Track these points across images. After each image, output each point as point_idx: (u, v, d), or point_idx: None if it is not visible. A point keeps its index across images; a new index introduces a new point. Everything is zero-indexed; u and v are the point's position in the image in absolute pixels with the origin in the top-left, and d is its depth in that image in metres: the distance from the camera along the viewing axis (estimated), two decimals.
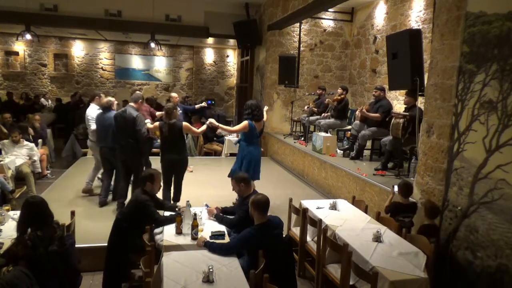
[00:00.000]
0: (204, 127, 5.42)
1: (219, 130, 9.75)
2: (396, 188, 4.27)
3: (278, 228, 3.40)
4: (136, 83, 14.97)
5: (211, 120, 5.34)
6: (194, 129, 5.32)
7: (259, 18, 10.91)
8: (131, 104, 5.20)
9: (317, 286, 3.71)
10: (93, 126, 5.67)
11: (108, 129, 5.35)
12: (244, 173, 4.01)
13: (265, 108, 5.82)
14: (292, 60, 9.33)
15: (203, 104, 7.65)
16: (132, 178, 5.37)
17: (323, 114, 8.27)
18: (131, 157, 5.14)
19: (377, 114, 6.37)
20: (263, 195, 3.37)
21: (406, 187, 3.95)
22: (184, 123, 5.09)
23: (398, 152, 5.61)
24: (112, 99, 5.67)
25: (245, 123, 5.17)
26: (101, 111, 5.59)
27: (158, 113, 6.90)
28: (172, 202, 5.05)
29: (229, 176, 5.23)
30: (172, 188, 5.19)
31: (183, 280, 2.72)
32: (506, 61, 3.01)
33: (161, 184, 3.95)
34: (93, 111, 5.79)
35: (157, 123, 5.21)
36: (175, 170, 5.13)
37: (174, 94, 7.95)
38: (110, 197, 5.66)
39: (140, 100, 5.29)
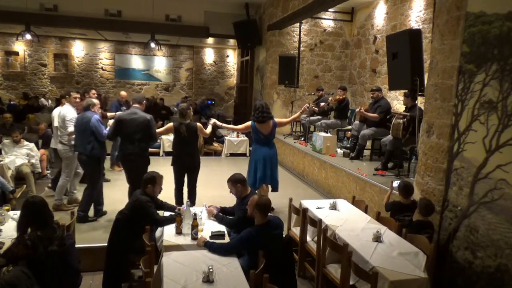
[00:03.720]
0: (210, 128, 5.26)
1: (219, 130, 9.78)
2: (395, 184, 4.27)
3: (279, 228, 3.41)
4: (136, 83, 14.98)
5: (214, 120, 5.30)
6: (204, 130, 5.13)
7: (259, 18, 10.91)
8: (136, 105, 4.82)
9: (317, 286, 3.71)
10: (70, 128, 5.07)
11: (84, 131, 4.78)
12: (240, 174, 3.99)
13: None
14: (292, 60, 9.34)
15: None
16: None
17: (321, 105, 8.26)
18: (141, 162, 4.74)
19: (375, 115, 6.38)
20: (266, 197, 3.37)
21: (406, 188, 3.95)
22: (199, 124, 5.00)
23: (398, 152, 5.62)
24: (95, 101, 5.09)
25: (247, 123, 5.18)
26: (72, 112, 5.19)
27: (109, 114, 6.18)
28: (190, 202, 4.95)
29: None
30: (186, 190, 5.08)
31: (183, 280, 2.72)
32: (506, 61, 3.00)
33: (162, 187, 3.92)
34: (69, 111, 5.24)
35: (170, 124, 5.00)
36: (190, 171, 5.01)
37: (123, 93, 7.81)
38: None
39: (144, 101, 5.03)
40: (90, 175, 4.97)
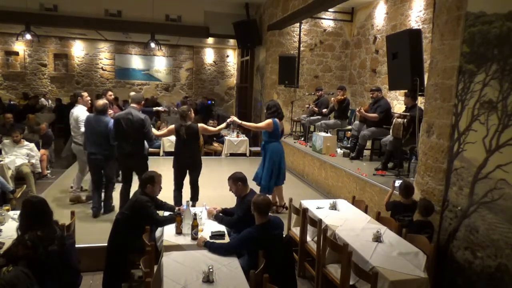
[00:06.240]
0: (223, 125, 5.35)
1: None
2: (397, 183, 4.27)
3: (279, 228, 3.41)
4: (136, 83, 14.98)
5: (234, 117, 5.37)
6: (211, 128, 5.20)
7: (259, 18, 10.91)
8: (133, 105, 4.94)
9: (317, 286, 3.71)
10: (83, 128, 5.24)
11: (101, 134, 4.95)
12: (241, 173, 3.99)
13: None
14: (292, 60, 9.34)
15: (161, 109, 7.56)
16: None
17: (323, 111, 8.28)
18: (139, 161, 4.87)
19: (374, 114, 6.38)
20: (265, 197, 3.37)
21: (406, 188, 3.95)
22: (200, 124, 5.04)
23: (398, 152, 5.62)
24: (106, 101, 5.28)
25: (269, 121, 5.23)
26: (89, 113, 5.31)
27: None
28: (191, 202, 4.98)
29: (253, 179, 5.31)
30: (185, 190, 5.12)
31: (183, 280, 2.72)
32: (506, 61, 3.00)
33: (161, 186, 3.92)
34: (82, 112, 5.45)
35: (172, 126, 5.08)
36: (191, 172, 5.05)
37: (133, 93, 7.81)
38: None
39: (143, 102, 5.14)
40: (112, 172, 5.20)
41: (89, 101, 5.78)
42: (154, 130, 5.27)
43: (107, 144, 4.99)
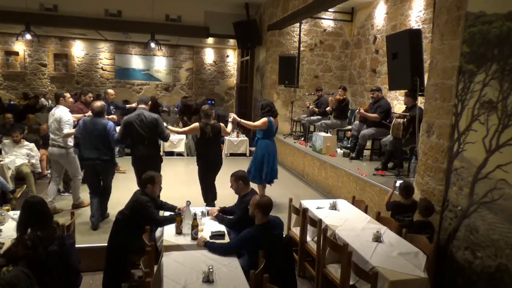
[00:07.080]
0: (230, 126, 5.41)
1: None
2: (398, 183, 4.27)
3: (279, 228, 3.41)
4: (136, 83, 14.97)
5: (234, 115, 5.44)
6: (227, 130, 5.26)
7: (259, 18, 10.91)
8: (142, 106, 4.91)
9: (317, 286, 3.71)
10: (66, 129, 5.04)
11: (99, 138, 4.75)
12: (244, 171, 4.01)
13: None
14: (292, 60, 9.34)
15: (134, 105, 7.75)
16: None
17: (327, 109, 8.30)
18: (154, 163, 4.73)
19: (375, 115, 6.38)
20: (268, 197, 3.37)
21: (406, 188, 3.95)
22: (222, 125, 5.08)
23: (398, 152, 5.62)
24: (104, 103, 5.01)
25: (264, 119, 5.38)
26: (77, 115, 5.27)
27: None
28: (209, 202, 5.01)
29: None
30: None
31: (183, 280, 2.72)
32: (506, 61, 3.01)
33: (162, 186, 3.92)
34: (65, 113, 5.18)
35: (196, 124, 5.02)
36: (215, 171, 5.06)
37: (110, 91, 7.66)
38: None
39: (150, 102, 5.18)
40: (109, 179, 5.01)
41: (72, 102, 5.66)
42: (172, 128, 5.33)
43: (107, 148, 4.82)
